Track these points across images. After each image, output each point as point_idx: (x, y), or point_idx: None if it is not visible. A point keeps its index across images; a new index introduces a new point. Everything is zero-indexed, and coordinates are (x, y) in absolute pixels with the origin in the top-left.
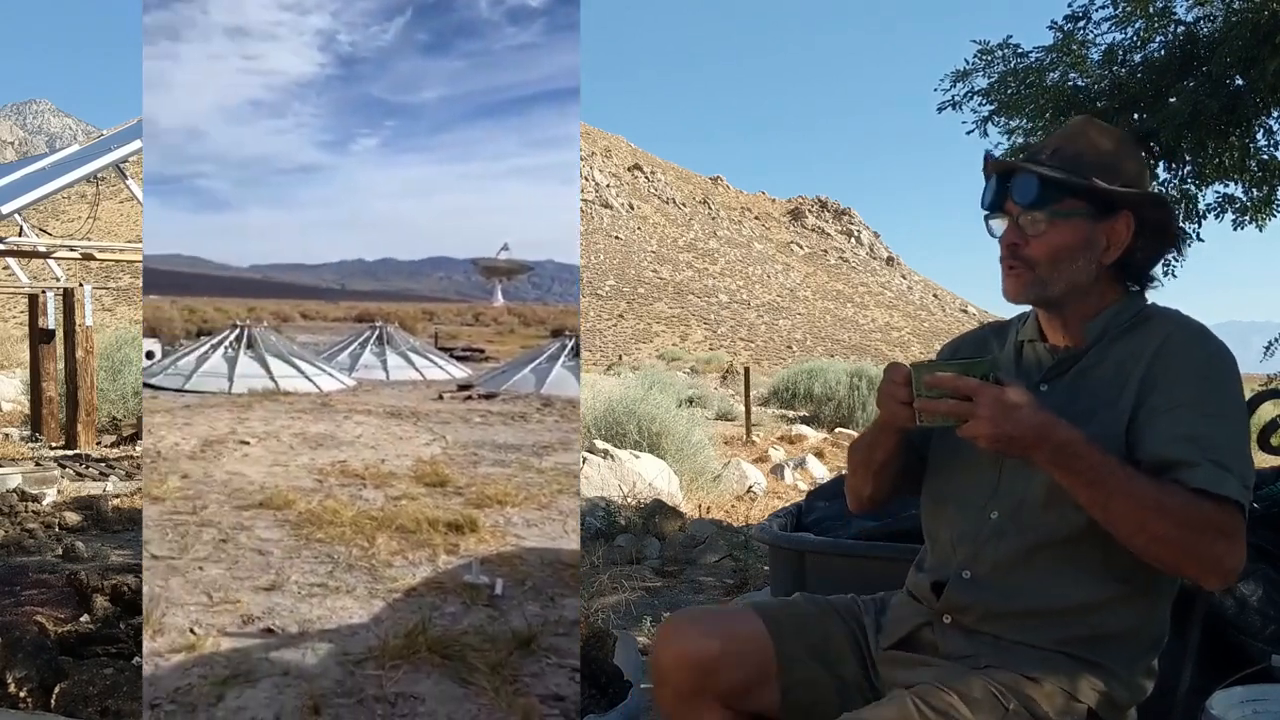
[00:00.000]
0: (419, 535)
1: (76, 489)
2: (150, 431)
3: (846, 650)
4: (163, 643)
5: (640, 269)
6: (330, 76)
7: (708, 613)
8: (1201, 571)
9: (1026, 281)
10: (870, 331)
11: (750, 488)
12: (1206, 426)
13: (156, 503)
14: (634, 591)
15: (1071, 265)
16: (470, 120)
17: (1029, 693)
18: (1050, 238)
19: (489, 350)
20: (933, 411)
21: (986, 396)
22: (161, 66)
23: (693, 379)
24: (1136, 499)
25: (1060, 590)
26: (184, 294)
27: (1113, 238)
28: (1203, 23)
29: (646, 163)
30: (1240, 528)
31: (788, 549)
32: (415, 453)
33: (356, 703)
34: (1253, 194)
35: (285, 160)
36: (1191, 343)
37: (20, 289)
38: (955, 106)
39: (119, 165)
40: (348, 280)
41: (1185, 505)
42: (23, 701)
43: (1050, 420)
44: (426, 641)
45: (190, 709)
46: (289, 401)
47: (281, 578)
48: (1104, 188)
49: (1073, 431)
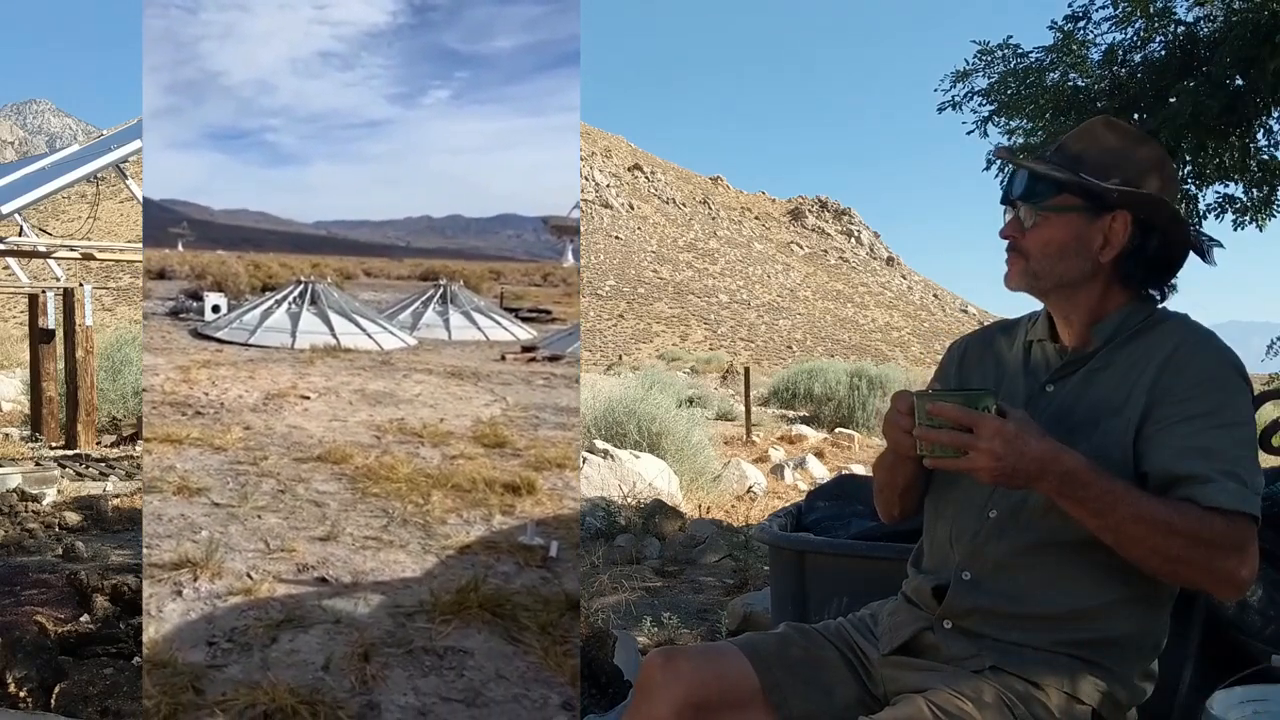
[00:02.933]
0: (475, 495)
1: (76, 489)
2: (215, 384)
3: (842, 672)
4: (221, 585)
5: (640, 269)
6: (402, 25)
7: (696, 652)
8: (1215, 586)
9: (1019, 270)
10: (870, 331)
11: (750, 488)
12: (1219, 438)
13: (219, 452)
14: (634, 591)
15: (1062, 260)
16: (545, 70)
17: (1035, 695)
18: (1042, 231)
19: (555, 311)
20: (933, 441)
21: (987, 429)
22: (232, 18)
23: (693, 379)
24: (1146, 523)
25: (1062, 593)
26: (250, 249)
27: (1110, 236)
28: (1203, 23)
29: (646, 163)
30: (1252, 539)
31: (788, 549)
32: (474, 413)
33: (405, 653)
34: (1253, 194)
35: (354, 114)
36: (1203, 352)
37: (20, 289)
38: (955, 107)
39: (119, 165)
40: (414, 237)
41: (1196, 524)
42: (23, 701)
43: (1053, 451)
44: (478, 599)
45: (246, 648)
46: (350, 358)
47: (337, 529)
48: (1092, 184)
49: (1076, 460)
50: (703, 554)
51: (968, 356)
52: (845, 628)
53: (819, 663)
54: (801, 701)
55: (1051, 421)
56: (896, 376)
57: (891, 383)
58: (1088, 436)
